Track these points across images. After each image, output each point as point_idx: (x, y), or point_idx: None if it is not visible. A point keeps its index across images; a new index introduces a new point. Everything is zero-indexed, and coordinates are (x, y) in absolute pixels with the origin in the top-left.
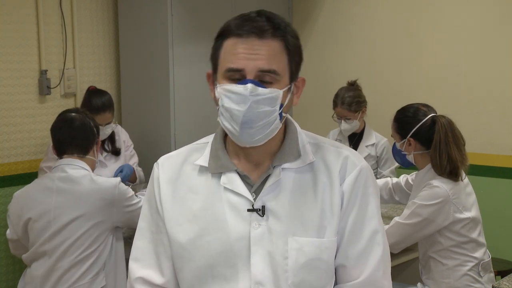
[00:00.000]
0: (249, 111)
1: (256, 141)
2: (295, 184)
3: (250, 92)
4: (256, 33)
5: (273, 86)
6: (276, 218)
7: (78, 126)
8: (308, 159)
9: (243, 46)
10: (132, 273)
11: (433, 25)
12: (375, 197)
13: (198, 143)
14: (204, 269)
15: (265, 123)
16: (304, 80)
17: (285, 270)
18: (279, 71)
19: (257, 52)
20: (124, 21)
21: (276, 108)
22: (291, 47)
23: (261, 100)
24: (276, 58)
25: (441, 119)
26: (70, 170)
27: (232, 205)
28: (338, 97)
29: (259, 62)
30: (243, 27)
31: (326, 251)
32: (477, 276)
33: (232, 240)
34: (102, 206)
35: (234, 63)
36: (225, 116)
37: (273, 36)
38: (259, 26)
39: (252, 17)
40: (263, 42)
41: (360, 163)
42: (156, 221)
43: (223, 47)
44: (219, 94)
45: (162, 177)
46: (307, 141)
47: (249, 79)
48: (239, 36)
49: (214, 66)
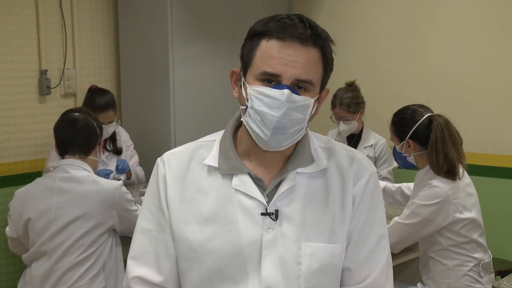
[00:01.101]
0: (283, 117)
1: (282, 146)
2: (308, 189)
3: (287, 98)
4: (300, 38)
5: (305, 94)
6: (289, 223)
7: (81, 127)
8: (322, 165)
9: (284, 51)
10: (129, 272)
11: (433, 25)
12: (382, 202)
13: (203, 141)
14: (213, 272)
15: (296, 130)
16: (328, 90)
17: (298, 275)
18: (314, 82)
19: (297, 60)
20: (124, 21)
21: (307, 116)
22: (328, 57)
23: (296, 108)
24: (313, 67)
25: (437, 118)
26: (72, 170)
27: (244, 208)
28: (336, 98)
29: (298, 71)
30: (286, 31)
31: (337, 256)
32: (477, 276)
33: (244, 243)
34: (103, 207)
35: (272, 67)
36: (254, 118)
37: (314, 45)
38: (303, 33)
39: (294, 22)
40: (304, 49)
41: (370, 168)
42: (159, 220)
43: (260, 48)
44: (249, 95)
45: (168, 175)
46: (318, 145)
47: (286, 84)
48: (281, 40)
49: (245, 65)
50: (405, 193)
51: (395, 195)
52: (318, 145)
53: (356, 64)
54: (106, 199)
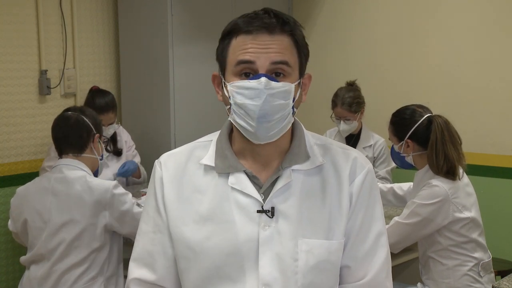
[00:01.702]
0: (265, 105)
1: (271, 135)
2: (304, 186)
3: (265, 86)
4: (266, 28)
5: (285, 80)
6: (285, 219)
7: (71, 125)
8: (317, 161)
9: (253, 42)
10: (129, 274)
11: (433, 25)
12: (379, 199)
13: (200, 141)
14: (211, 270)
15: (281, 116)
16: (310, 76)
17: (295, 272)
18: (291, 64)
19: (268, 47)
20: (124, 21)
21: (289, 101)
22: (300, 41)
23: (276, 94)
24: (287, 51)
25: (437, 119)
26: (67, 171)
27: (241, 206)
28: (338, 97)
29: (271, 55)
30: (252, 24)
31: (334, 253)
32: (477, 276)
33: (241, 241)
34: (94, 209)
35: (245, 56)
36: (238, 113)
37: (282, 32)
38: (269, 22)
39: (259, 15)
40: (273, 37)
41: (367, 165)
42: (155, 220)
43: (232, 45)
44: (230, 92)
45: (165, 176)
46: (314, 142)
47: (262, 73)
48: (248, 33)
49: (221, 65)
50: (397, 193)
51: (387, 196)
52: (313, 142)
53: (356, 64)
54: (97, 200)
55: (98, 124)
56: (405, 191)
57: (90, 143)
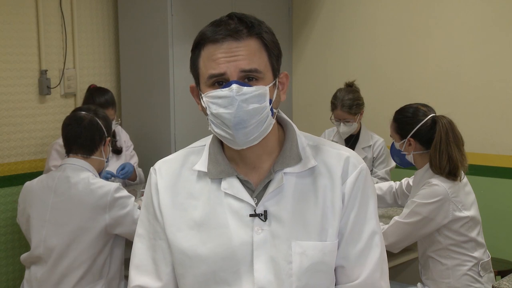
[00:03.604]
0: (239, 111)
1: (251, 140)
2: (297, 189)
3: (236, 93)
4: (231, 35)
5: (258, 84)
6: (278, 222)
7: (85, 126)
8: (309, 164)
9: (221, 50)
10: (131, 281)
11: (433, 25)
12: (373, 198)
13: (194, 146)
14: (206, 275)
15: (258, 120)
16: (287, 75)
17: (290, 274)
18: (261, 69)
19: (236, 54)
20: (124, 21)
21: (265, 104)
22: (269, 43)
23: (249, 99)
24: (255, 56)
25: (442, 119)
26: (71, 171)
27: (234, 210)
28: (337, 99)
29: (240, 63)
30: (218, 32)
31: (328, 254)
32: (477, 276)
33: (235, 246)
34: (94, 211)
35: (215, 68)
36: (215, 123)
37: (249, 36)
38: (233, 28)
39: (224, 21)
40: (240, 43)
41: (360, 164)
42: (154, 227)
43: (201, 56)
44: (205, 103)
45: (160, 183)
46: (306, 143)
47: (233, 80)
48: (215, 42)
49: (195, 77)
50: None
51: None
52: (306, 143)
53: (355, 64)
54: (97, 202)
55: (110, 127)
56: (384, 191)
57: (101, 146)
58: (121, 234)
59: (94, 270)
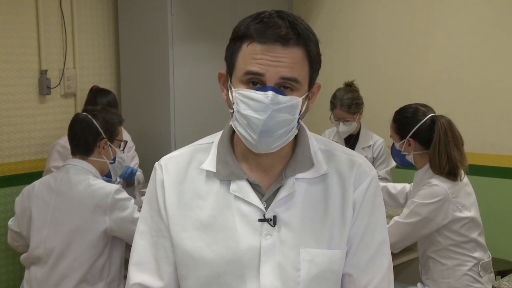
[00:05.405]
0: (269, 120)
1: (272, 148)
2: (307, 195)
3: (271, 100)
4: (280, 41)
5: (292, 94)
6: (288, 229)
7: (78, 127)
8: (321, 170)
9: (266, 53)
10: (130, 279)
11: (433, 25)
12: (383, 206)
13: (201, 143)
14: (210, 278)
15: (284, 131)
16: (319, 85)
17: (297, 282)
18: (300, 79)
19: (280, 60)
20: (124, 21)
21: (295, 116)
22: (314, 55)
23: (282, 109)
24: (298, 66)
25: (440, 119)
26: (72, 172)
27: (243, 214)
28: (336, 98)
29: (282, 70)
30: (267, 34)
31: (337, 262)
32: (477, 276)
33: (242, 250)
34: (93, 213)
35: (255, 67)
36: (240, 122)
37: (296, 44)
38: (283, 34)
39: (274, 22)
40: (286, 49)
41: (371, 172)
42: (157, 225)
43: (242, 51)
44: (234, 99)
45: (166, 180)
46: (318, 147)
47: (270, 86)
48: (262, 44)
49: (229, 67)
50: (391, 192)
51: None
52: (317, 147)
53: (355, 64)
54: (97, 204)
55: (110, 128)
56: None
57: (96, 147)
58: (120, 236)
59: (93, 271)
